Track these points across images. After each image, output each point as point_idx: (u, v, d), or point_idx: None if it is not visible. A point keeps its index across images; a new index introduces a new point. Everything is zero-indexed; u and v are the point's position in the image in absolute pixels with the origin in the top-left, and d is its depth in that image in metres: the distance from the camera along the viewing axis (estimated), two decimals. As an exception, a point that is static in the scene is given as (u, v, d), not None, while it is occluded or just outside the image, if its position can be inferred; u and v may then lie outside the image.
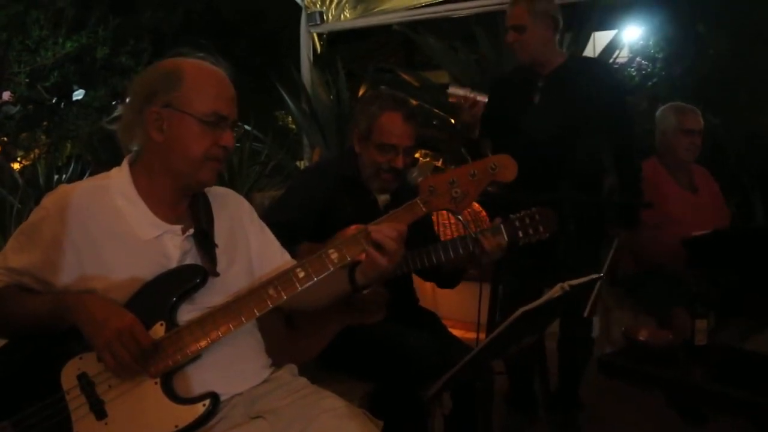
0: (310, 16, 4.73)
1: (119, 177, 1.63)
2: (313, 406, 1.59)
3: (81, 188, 1.61)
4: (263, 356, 1.73)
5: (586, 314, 2.52)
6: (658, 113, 3.33)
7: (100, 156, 5.59)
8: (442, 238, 2.38)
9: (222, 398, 1.56)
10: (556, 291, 1.67)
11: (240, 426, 1.54)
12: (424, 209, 1.69)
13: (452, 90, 3.01)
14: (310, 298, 1.76)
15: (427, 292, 3.66)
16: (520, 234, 2.10)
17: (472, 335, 3.13)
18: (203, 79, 1.59)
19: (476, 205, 3.99)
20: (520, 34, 2.89)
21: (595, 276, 1.82)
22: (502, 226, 2.09)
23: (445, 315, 2.77)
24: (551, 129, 2.71)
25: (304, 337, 2.16)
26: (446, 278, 2.42)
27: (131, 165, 1.64)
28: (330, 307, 2.04)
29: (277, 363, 1.77)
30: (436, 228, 2.93)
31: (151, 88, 1.58)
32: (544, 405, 3.19)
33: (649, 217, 2.97)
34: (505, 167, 1.73)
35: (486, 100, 2.95)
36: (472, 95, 2.94)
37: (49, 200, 1.59)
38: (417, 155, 5.02)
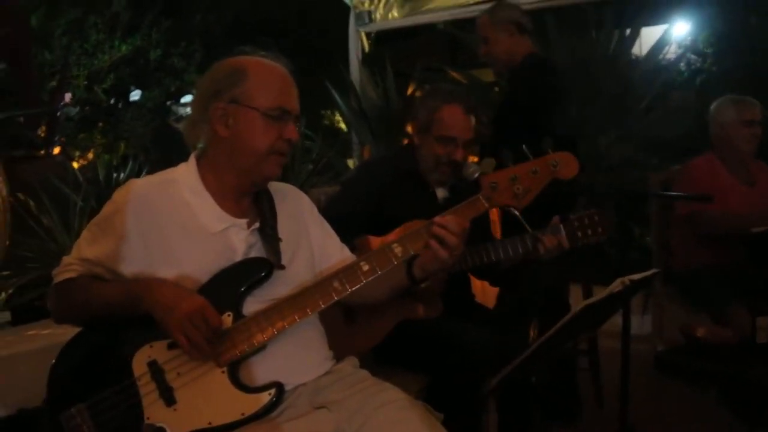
0: (359, 16, 4.78)
1: (187, 172, 1.68)
2: (374, 398, 1.61)
3: (150, 182, 1.68)
4: (326, 348, 1.77)
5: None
6: (713, 107, 3.26)
7: (151, 155, 5.72)
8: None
9: (286, 388, 1.59)
10: (616, 285, 1.67)
11: (304, 416, 1.58)
12: (486, 205, 1.70)
13: None
14: (369, 292, 1.79)
15: (476, 289, 3.66)
16: (579, 234, 2.10)
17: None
18: (267, 75, 1.63)
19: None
20: (487, 45, 3.07)
21: (653, 271, 1.82)
22: (561, 227, 2.10)
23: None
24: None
25: (362, 330, 2.19)
26: (501, 277, 2.43)
27: (198, 161, 1.69)
28: (388, 302, 2.08)
29: (334, 355, 1.79)
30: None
31: (217, 85, 1.63)
32: (596, 401, 3.20)
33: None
34: (567, 164, 1.73)
35: None
36: None
37: (119, 194, 1.65)
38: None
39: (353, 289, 1.63)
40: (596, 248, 2.33)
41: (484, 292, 3.89)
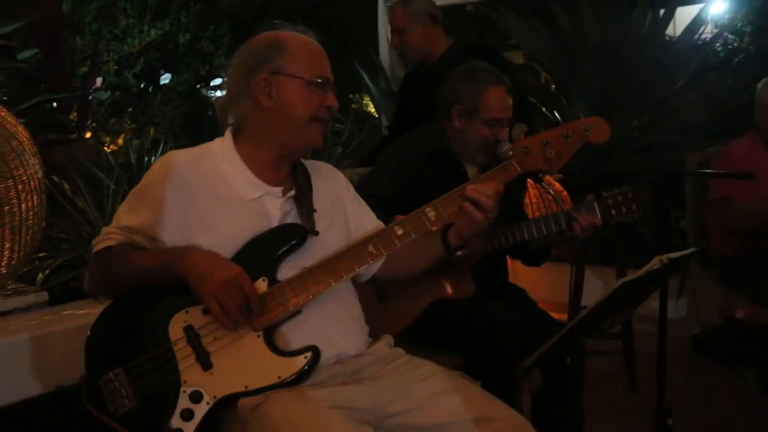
0: (388, -4, 4.75)
1: (222, 144, 1.71)
2: (411, 374, 1.62)
3: (187, 153, 1.70)
4: (363, 324, 1.77)
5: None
6: (759, 86, 3.19)
7: (180, 140, 5.75)
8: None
9: (322, 356, 1.58)
10: (654, 263, 1.64)
11: (339, 386, 1.57)
12: (519, 169, 1.70)
13: None
14: (406, 263, 1.83)
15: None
16: (614, 212, 2.08)
17: (554, 316, 3.11)
18: (304, 46, 1.67)
19: (557, 185, 3.95)
20: (402, 36, 3.14)
21: (693, 250, 1.79)
22: (595, 204, 2.07)
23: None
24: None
25: (395, 310, 2.19)
26: (534, 255, 2.40)
27: (234, 135, 1.71)
28: (421, 281, 2.08)
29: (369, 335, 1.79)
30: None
31: (256, 58, 1.65)
32: (630, 385, 3.17)
33: (745, 195, 2.87)
34: (598, 128, 1.71)
35: None
36: None
37: (158, 164, 1.68)
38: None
39: (388, 252, 1.64)
40: (631, 230, 2.29)
41: (516, 276, 3.88)
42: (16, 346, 2.46)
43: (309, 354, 1.56)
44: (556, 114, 4.89)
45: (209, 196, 1.63)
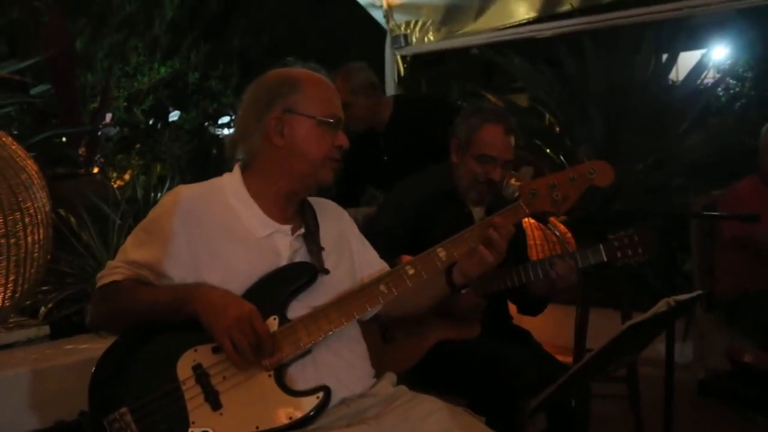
0: (395, 39, 4.79)
1: (232, 180, 1.70)
2: (414, 410, 1.60)
3: (196, 187, 1.70)
4: (369, 365, 1.76)
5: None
6: (763, 130, 3.21)
7: (186, 177, 5.79)
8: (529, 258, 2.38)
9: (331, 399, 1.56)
10: (661, 306, 1.65)
11: (344, 428, 1.55)
12: (527, 210, 1.73)
13: None
14: (410, 301, 1.81)
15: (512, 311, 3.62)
16: (619, 254, 2.08)
17: (559, 359, 3.09)
18: (317, 85, 1.68)
19: (562, 226, 3.95)
20: (347, 110, 3.09)
21: (698, 292, 1.79)
22: (601, 247, 2.08)
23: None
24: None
25: (399, 351, 2.18)
26: (531, 304, 2.39)
27: (243, 171, 1.71)
28: (425, 322, 2.06)
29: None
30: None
31: (269, 94, 1.65)
32: (636, 428, 3.12)
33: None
34: (603, 172, 1.74)
35: None
36: None
37: (167, 198, 1.67)
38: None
39: (399, 292, 1.64)
40: (637, 273, 2.29)
41: (519, 320, 3.85)
42: (16, 379, 2.44)
43: (321, 394, 1.54)
44: (561, 157, 4.93)
45: (220, 231, 1.62)
